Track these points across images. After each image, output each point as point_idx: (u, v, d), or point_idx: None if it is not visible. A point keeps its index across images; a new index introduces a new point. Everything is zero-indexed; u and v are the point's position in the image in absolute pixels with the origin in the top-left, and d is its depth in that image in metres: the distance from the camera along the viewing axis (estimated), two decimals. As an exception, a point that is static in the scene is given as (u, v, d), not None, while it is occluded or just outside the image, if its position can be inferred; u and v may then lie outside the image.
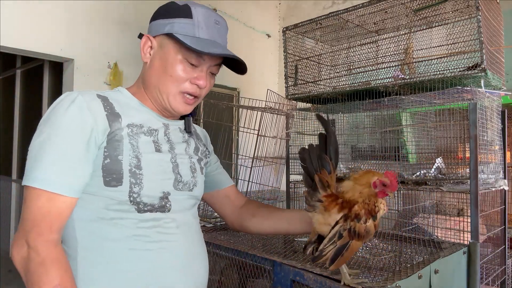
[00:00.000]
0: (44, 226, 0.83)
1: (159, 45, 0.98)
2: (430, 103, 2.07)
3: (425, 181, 1.89)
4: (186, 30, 0.95)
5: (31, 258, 0.81)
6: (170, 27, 0.96)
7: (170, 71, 0.97)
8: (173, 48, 0.97)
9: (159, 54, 0.98)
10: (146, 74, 1.01)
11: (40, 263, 0.81)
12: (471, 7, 1.87)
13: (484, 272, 1.84)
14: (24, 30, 3.07)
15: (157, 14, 1.01)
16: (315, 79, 2.53)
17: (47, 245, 0.83)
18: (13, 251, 0.84)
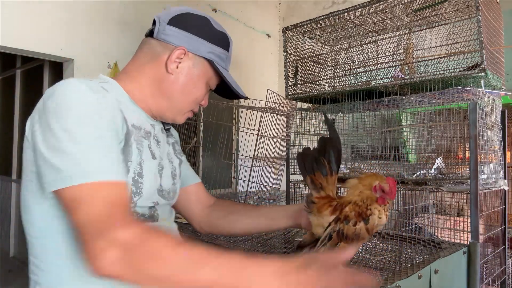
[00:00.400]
0: (122, 212, 0.69)
1: (193, 64, 0.96)
2: (430, 103, 2.07)
3: (425, 181, 1.89)
4: (221, 62, 1.00)
5: (134, 251, 0.63)
6: (212, 54, 0.97)
7: (195, 93, 0.97)
8: (206, 73, 0.98)
9: (189, 72, 0.95)
10: (166, 87, 0.94)
11: (150, 250, 0.64)
12: (471, 7, 1.87)
13: (484, 272, 1.84)
14: (24, 30, 3.07)
15: (193, 28, 0.95)
16: (315, 79, 2.53)
17: (139, 227, 0.67)
18: (98, 263, 0.63)
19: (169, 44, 0.94)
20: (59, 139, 0.71)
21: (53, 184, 0.71)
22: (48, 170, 0.72)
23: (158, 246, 0.64)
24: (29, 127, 0.79)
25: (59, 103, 0.74)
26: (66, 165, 0.70)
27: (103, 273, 0.64)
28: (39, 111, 0.77)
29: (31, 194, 0.81)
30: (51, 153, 0.71)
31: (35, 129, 0.76)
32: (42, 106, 0.77)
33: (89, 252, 0.65)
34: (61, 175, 0.70)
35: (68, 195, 0.69)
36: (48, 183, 0.72)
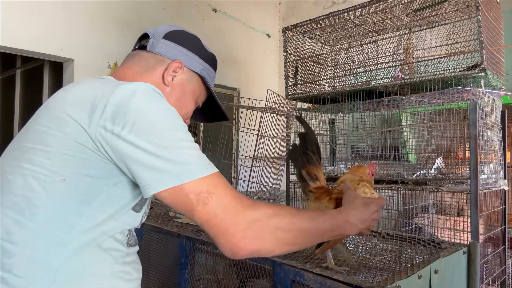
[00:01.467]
0: (242, 194, 0.76)
1: (187, 78, 0.97)
2: (430, 103, 2.07)
3: (425, 181, 1.89)
4: (210, 81, 1.02)
5: (270, 225, 0.74)
6: (204, 71, 0.99)
7: (187, 109, 0.99)
8: (198, 89, 0.99)
9: (183, 86, 0.96)
10: None
11: (281, 221, 0.75)
12: (471, 7, 1.87)
13: (484, 272, 1.84)
14: (24, 30, 3.07)
15: (188, 44, 0.97)
16: (315, 79, 2.53)
17: (262, 205, 0.76)
18: (244, 242, 0.71)
19: (165, 57, 0.94)
20: (169, 136, 0.73)
21: (168, 181, 0.70)
22: (155, 169, 0.71)
23: (286, 216, 0.77)
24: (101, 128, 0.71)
25: (148, 104, 0.74)
26: (186, 160, 0.72)
27: (249, 251, 0.72)
28: (117, 112, 0.72)
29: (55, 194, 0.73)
30: (161, 150, 0.71)
31: (121, 131, 0.71)
32: (122, 107, 0.72)
33: (233, 237, 0.71)
34: (181, 170, 0.71)
35: (193, 188, 0.71)
36: (157, 182, 0.71)
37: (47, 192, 0.72)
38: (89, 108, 0.73)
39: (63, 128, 0.73)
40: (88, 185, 0.73)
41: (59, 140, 0.73)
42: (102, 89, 0.76)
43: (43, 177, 0.72)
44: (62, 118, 0.74)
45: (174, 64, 0.93)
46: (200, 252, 1.57)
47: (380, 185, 2.02)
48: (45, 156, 0.73)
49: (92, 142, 0.72)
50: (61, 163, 0.72)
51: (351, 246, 1.45)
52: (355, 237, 1.57)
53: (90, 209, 0.74)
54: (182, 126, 0.77)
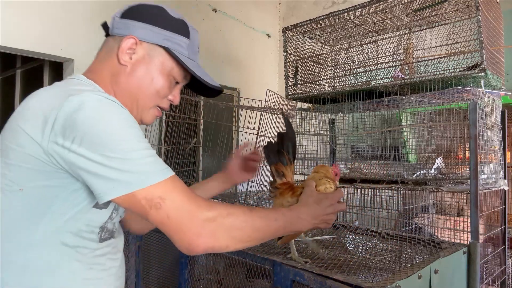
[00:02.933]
0: (196, 196, 0.80)
1: (148, 53, 0.91)
2: (430, 103, 2.07)
3: (425, 181, 1.89)
4: (182, 50, 0.94)
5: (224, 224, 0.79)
6: (168, 41, 0.92)
7: (156, 86, 0.93)
8: (165, 63, 0.93)
9: (146, 64, 0.91)
10: (123, 81, 0.91)
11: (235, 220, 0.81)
12: (471, 7, 1.87)
13: (484, 272, 1.84)
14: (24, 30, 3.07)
15: (145, 17, 0.92)
16: (315, 79, 2.53)
17: (218, 205, 0.81)
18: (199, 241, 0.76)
19: (120, 36, 0.91)
20: (118, 146, 0.75)
21: (119, 189, 0.74)
22: (106, 178, 0.74)
23: (239, 216, 0.82)
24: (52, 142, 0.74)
25: (95, 116, 0.75)
26: (136, 169, 0.75)
27: (203, 248, 0.77)
28: (66, 126, 0.73)
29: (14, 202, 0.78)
30: (110, 161, 0.74)
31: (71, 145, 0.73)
32: (70, 121, 0.73)
33: (187, 235, 0.76)
34: (131, 179, 0.74)
35: (145, 195, 0.75)
36: (110, 190, 0.74)
37: (8, 199, 0.78)
38: (41, 123, 0.75)
39: (17, 141, 0.77)
40: (44, 193, 0.78)
41: (15, 152, 0.77)
42: (54, 101, 0.77)
43: (5, 187, 0.78)
44: (16, 131, 0.77)
45: (125, 40, 0.89)
46: (200, 252, 1.56)
47: (380, 185, 2.02)
48: (7, 168, 0.78)
49: (45, 155, 0.75)
50: (18, 174, 0.77)
51: (351, 246, 1.45)
52: (355, 237, 1.57)
53: (49, 213, 0.78)
54: (134, 133, 0.77)
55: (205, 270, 1.60)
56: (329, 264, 1.20)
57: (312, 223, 0.98)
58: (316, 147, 2.56)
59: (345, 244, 1.48)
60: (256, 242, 0.87)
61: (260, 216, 0.87)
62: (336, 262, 1.22)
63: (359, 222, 2.49)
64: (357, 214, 2.50)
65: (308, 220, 0.97)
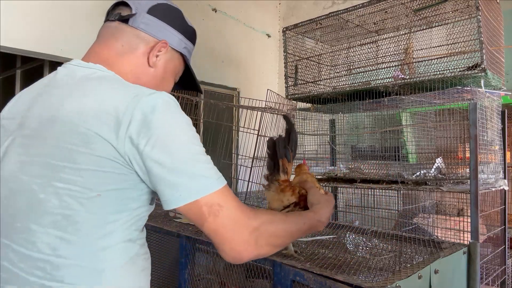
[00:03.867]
0: (244, 204, 0.82)
1: (170, 57, 0.95)
2: (430, 103, 2.07)
3: (425, 181, 1.89)
4: (189, 56, 1.00)
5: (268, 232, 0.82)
6: (185, 49, 0.97)
7: (167, 88, 0.97)
8: (178, 67, 0.98)
9: (165, 66, 0.94)
10: (147, 80, 0.91)
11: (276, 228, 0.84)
12: (471, 7, 1.87)
13: (484, 272, 1.84)
14: (24, 30, 3.07)
15: (174, 21, 0.94)
16: (315, 79, 2.53)
17: (260, 213, 0.84)
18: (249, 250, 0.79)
19: (151, 36, 0.90)
20: (186, 154, 0.76)
21: (187, 196, 0.75)
22: (174, 185, 0.75)
23: (279, 224, 0.86)
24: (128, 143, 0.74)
25: (168, 119, 0.76)
26: (202, 174, 0.76)
27: (249, 257, 0.80)
28: (141, 127, 0.73)
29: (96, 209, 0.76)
30: (180, 165, 0.75)
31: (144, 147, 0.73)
32: (146, 122, 0.73)
33: (238, 245, 0.78)
34: (198, 185, 0.75)
35: (207, 202, 0.76)
36: (178, 198, 0.75)
37: (85, 208, 0.75)
38: (114, 124, 0.74)
39: (90, 145, 0.74)
40: (120, 196, 0.77)
41: (87, 157, 0.74)
42: (122, 99, 0.76)
43: (79, 194, 0.74)
44: (87, 135, 0.74)
45: (160, 44, 0.90)
46: (200, 252, 1.57)
47: (380, 185, 2.02)
48: (76, 174, 0.74)
49: (121, 157, 0.74)
50: (94, 180, 0.74)
51: (351, 246, 1.45)
52: (355, 237, 1.57)
53: (124, 214, 0.79)
54: (198, 138, 0.80)
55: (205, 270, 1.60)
56: (329, 264, 1.20)
57: (325, 224, 1.04)
58: (316, 147, 2.56)
59: (345, 244, 1.48)
60: (287, 245, 0.93)
61: (294, 222, 0.92)
62: (336, 262, 1.22)
63: (359, 222, 2.49)
64: (357, 214, 2.50)
65: (324, 222, 1.02)
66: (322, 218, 1.01)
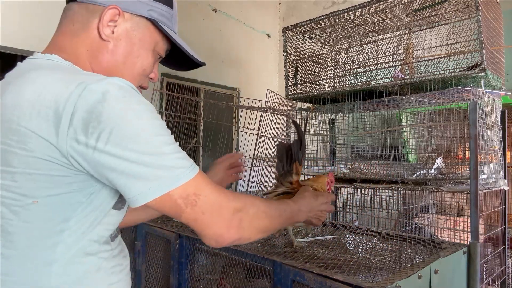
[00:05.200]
0: (223, 188, 0.78)
1: (132, 26, 0.79)
2: (430, 103, 2.07)
3: (425, 181, 1.89)
4: (167, 21, 0.84)
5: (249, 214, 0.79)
6: (153, 12, 0.81)
7: (143, 63, 0.83)
8: (151, 37, 0.82)
9: (130, 39, 0.80)
10: (106, 59, 0.79)
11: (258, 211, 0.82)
12: (471, 7, 1.87)
13: (484, 272, 1.84)
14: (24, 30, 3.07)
15: None
16: (315, 79, 2.53)
17: (241, 196, 0.81)
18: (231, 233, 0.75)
19: (98, 5, 0.77)
20: (151, 141, 0.67)
21: (157, 189, 0.67)
22: (141, 179, 0.66)
23: (260, 206, 0.84)
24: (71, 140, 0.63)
25: (123, 107, 0.65)
26: (171, 165, 0.68)
27: (231, 240, 0.76)
28: (88, 120, 0.63)
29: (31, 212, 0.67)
30: (145, 158, 0.66)
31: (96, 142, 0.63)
32: (94, 114, 0.63)
33: (219, 228, 0.74)
34: (168, 176, 0.68)
35: (181, 193, 0.70)
36: (147, 192, 0.67)
37: (19, 217, 0.66)
38: (52, 117, 0.62)
39: (25, 145, 0.63)
40: (64, 202, 0.67)
41: (22, 158, 0.64)
42: (63, 89, 0.64)
43: (12, 202, 0.65)
44: (21, 133, 0.63)
45: (108, 11, 0.76)
46: (200, 252, 1.57)
47: (380, 185, 2.02)
48: (10, 178, 0.65)
49: (64, 157, 0.64)
50: (29, 184, 0.65)
51: (351, 246, 1.45)
52: (355, 237, 1.57)
53: (70, 223, 0.68)
54: (163, 126, 0.70)
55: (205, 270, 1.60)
56: (329, 264, 1.20)
57: (307, 216, 1.06)
58: (316, 147, 2.56)
59: (345, 244, 1.48)
60: (269, 233, 0.89)
61: (275, 207, 0.90)
62: (336, 262, 1.22)
63: (359, 222, 2.49)
64: (357, 214, 2.50)
65: (305, 212, 1.05)
66: (302, 207, 1.03)
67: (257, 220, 0.82)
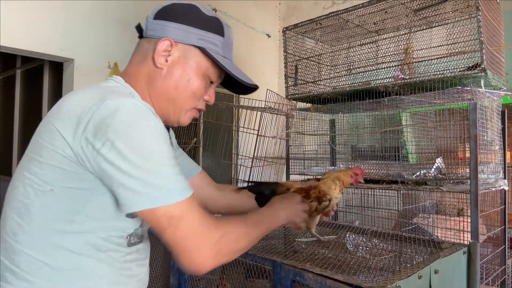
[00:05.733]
0: (207, 216, 0.79)
1: (183, 54, 0.90)
2: (430, 103, 2.07)
3: (425, 181, 1.89)
4: (217, 49, 0.92)
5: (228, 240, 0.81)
6: (202, 41, 0.90)
7: (193, 87, 0.92)
8: (200, 63, 0.91)
9: (182, 65, 0.90)
10: (160, 84, 0.90)
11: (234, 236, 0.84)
12: (471, 7, 1.87)
13: (484, 272, 1.84)
14: (24, 30, 3.07)
15: (179, 16, 0.89)
16: (315, 79, 2.53)
17: (222, 223, 0.82)
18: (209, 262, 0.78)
19: (155, 38, 0.89)
20: (149, 158, 0.73)
21: (143, 203, 0.73)
22: (132, 190, 0.73)
23: (239, 230, 0.87)
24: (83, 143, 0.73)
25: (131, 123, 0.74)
26: (163, 184, 0.74)
27: (209, 269, 0.79)
28: (99, 128, 0.73)
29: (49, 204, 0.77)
30: (139, 172, 0.72)
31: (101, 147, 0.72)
32: (104, 124, 0.72)
33: (197, 258, 0.77)
34: (157, 194, 0.73)
35: (165, 212, 0.74)
36: (134, 203, 0.73)
37: (39, 199, 0.77)
38: (74, 122, 0.75)
39: (52, 141, 0.76)
40: (75, 196, 0.77)
41: (49, 152, 0.76)
42: (89, 102, 0.76)
43: (37, 186, 0.77)
44: (52, 131, 0.77)
45: (161, 42, 0.88)
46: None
47: (380, 185, 2.02)
48: (39, 166, 0.78)
49: (75, 156, 0.75)
50: (50, 174, 0.77)
51: (351, 246, 1.45)
52: (355, 237, 1.57)
53: (79, 217, 0.77)
54: (164, 147, 0.76)
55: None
56: (329, 264, 1.20)
57: (286, 215, 1.07)
58: (316, 147, 2.56)
59: (345, 244, 1.48)
60: (249, 247, 0.91)
61: (252, 223, 0.92)
62: (336, 262, 1.22)
63: (359, 222, 2.49)
64: (357, 214, 2.50)
65: (282, 209, 1.06)
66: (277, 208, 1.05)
67: (237, 245, 0.85)
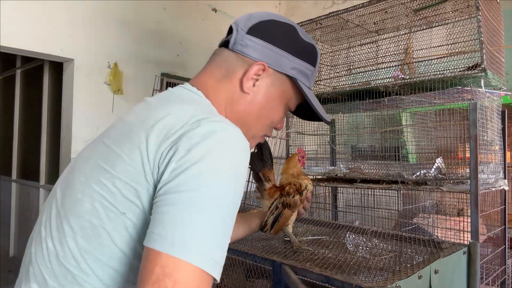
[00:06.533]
0: None
1: (272, 82, 0.82)
2: (430, 103, 2.07)
3: (425, 181, 1.89)
4: (305, 79, 0.85)
5: None
6: (295, 70, 0.83)
7: (274, 117, 0.85)
8: (286, 92, 0.85)
9: (267, 92, 0.82)
10: (241, 109, 0.81)
11: None
12: (471, 7, 1.87)
13: (484, 272, 1.84)
14: (24, 30, 3.07)
15: (277, 39, 0.81)
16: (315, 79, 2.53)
17: None
18: None
19: (247, 58, 0.80)
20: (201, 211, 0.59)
21: (154, 243, 0.58)
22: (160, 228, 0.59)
23: None
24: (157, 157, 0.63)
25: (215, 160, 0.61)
26: (191, 241, 0.58)
27: None
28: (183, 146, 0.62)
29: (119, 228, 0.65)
30: (183, 219, 0.58)
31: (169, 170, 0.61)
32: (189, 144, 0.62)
33: None
34: (177, 243, 0.58)
35: (166, 264, 0.57)
36: (151, 240, 0.59)
37: (111, 223, 0.64)
38: (163, 135, 0.64)
39: (131, 153, 0.64)
40: (142, 222, 0.65)
41: (125, 166, 0.64)
42: (184, 118, 0.66)
43: (109, 206, 0.64)
44: (134, 141, 0.65)
45: (255, 67, 0.79)
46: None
47: (380, 185, 2.02)
48: (112, 182, 0.64)
49: (151, 171, 0.63)
50: (125, 193, 0.64)
51: (351, 246, 1.45)
52: (355, 237, 1.57)
53: (140, 246, 0.64)
54: (232, 206, 0.63)
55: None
56: (329, 264, 1.20)
57: None
58: (316, 147, 2.56)
59: (345, 244, 1.48)
60: None
61: None
62: (336, 262, 1.22)
63: (359, 222, 2.49)
64: (357, 214, 2.50)
65: None
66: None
67: None
